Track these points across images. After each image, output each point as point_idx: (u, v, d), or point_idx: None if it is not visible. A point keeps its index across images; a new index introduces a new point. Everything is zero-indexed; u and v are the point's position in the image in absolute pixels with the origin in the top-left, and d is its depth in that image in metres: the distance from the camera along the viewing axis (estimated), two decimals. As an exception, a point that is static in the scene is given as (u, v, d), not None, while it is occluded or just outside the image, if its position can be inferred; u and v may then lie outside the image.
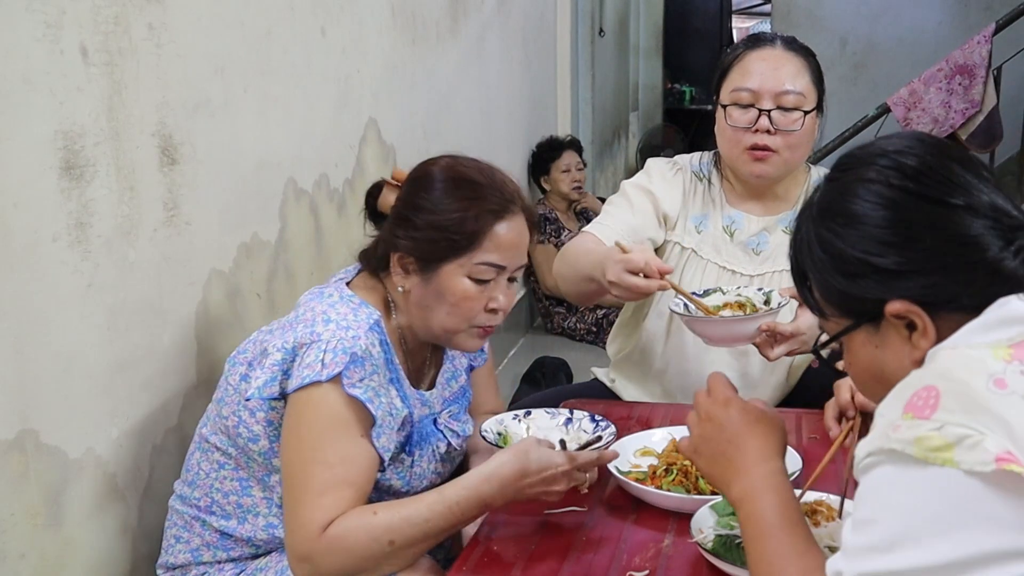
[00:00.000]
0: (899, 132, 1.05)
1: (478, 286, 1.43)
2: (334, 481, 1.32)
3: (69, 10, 1.43)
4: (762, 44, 1.93)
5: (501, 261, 1.43)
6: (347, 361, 1.33)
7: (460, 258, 1.41)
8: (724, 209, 1.97)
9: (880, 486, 0.84)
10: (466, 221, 1.40)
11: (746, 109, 1.87)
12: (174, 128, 1.69)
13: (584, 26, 5.66)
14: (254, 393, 1.39)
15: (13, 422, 1.36)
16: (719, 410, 1.16)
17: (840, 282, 0.98)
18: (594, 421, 1.62)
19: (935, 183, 0.94)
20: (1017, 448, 0.79)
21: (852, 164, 1.01)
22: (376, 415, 1.36)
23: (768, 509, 1.03)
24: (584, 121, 5.66)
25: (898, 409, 0.86)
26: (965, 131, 4.71)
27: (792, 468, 1.46)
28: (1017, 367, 0.84)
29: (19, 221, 1.35)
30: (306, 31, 2.21)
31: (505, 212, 1.43)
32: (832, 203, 1.00)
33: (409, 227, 1.43)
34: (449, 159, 1.49)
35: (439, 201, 1.42)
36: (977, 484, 0.79)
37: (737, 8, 10.65)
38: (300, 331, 1.37)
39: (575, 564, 1.28)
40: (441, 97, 3.22)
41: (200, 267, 1.80)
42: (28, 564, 1.39)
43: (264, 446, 1.44)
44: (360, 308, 1.42)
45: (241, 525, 1.49)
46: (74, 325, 1.47)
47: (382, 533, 1.31)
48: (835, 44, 6.62)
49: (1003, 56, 4.73)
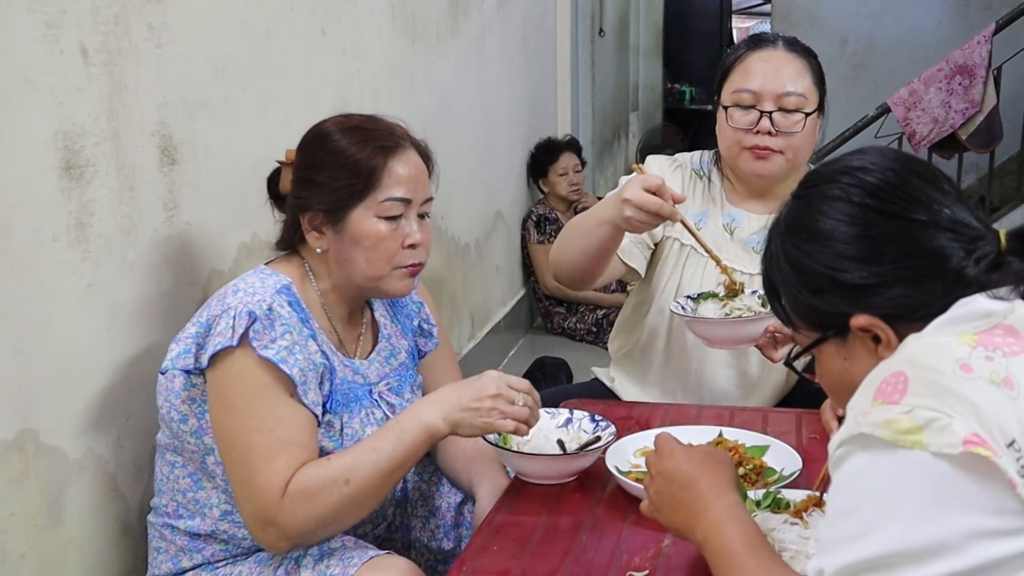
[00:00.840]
0: (865, 147, 1.07)
1: (389, 224, 1.46)
2: (279, 443, 1.35)
3: (69, 10, 1.43)
4: (764, 45, 1.92)
5: (405, 194, 1.47)
6: (248, 322, 1.35)
7: (365, 200, 1.45)
8: (724, 207, 1.97)
9: (852, 476, 0.86)
10: (360, 163, 1.45)
11: (747, 110, 1.87)
12: (174, 128, 1.69)
13: (584, 26, 5.67)
14: (168, 365, 1.41)
15: (13, 422, 1.36)
16: (666, 462, 1.19)
17: (808, 297, 1.01)
18: (594, 421, 1.63)
19: (897, 199, 0.97)
20: (984, 430, 0.81)
21: (817, 181, 1.04)
22: (292, 374, 1.37)
23: (732, 539, 1.06)
24: (584, 121, 5.66)
25: (868, 398, 0.88)
26: (965, 131, 4.70)
27: (792, 468, 1.47)
28: (982, 352, 0.86)
29: (19, 221, 1.35)
30: (306, 31, 2.21)
31: (397, 147, 1.48)
32: (798, 220, 1.03)
33: (310, 185, 1.47)
34: (331, 119, 1.54)
35: (332, 152, 1.46)
36: (946, 466, 0.81)
37: (737, 8, 10.65)
38: (214, 305, 1.41)
39: (575, 564, 1.28)
40: (441, 97, 3.22)
41: (200, 267, 1.80)
42: (28, 564, 1.39)
43: (193, 425, 1.44)
44: (269, 277, 1.45)
45: (203, 521, 1.49)
46: (74, 325, 1.47)
47: (337, 474, 1.34)
48: (835, 44, 6.62)
49: (1003, 56, 4.73)
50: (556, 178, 4.48)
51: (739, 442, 1.55)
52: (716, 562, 1.06)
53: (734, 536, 1.06)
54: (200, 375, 1.41)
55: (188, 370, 1.40)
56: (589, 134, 5.66)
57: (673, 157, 2.05)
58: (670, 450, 1.20)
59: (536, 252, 4.42)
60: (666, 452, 1.20)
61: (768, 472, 1.49)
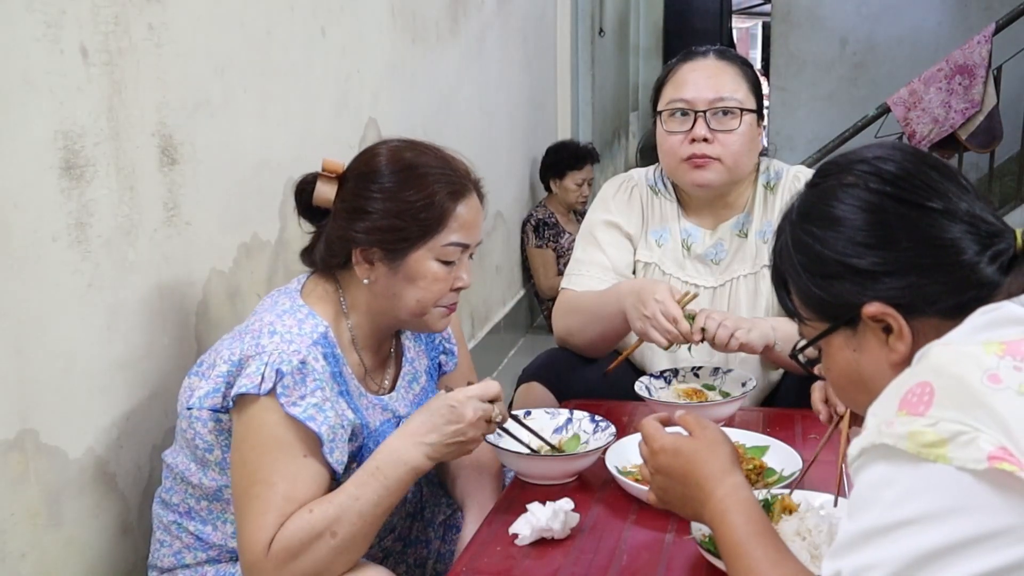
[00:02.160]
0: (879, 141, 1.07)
1: (445, 267, 1.44)
2: (275, 500, 1.31)
3: (69, 10, 1.43)
4: (695, 57, 1.93)
5: (466, 239, 1.45)
6: (276, 379, 1.32)
7: (428, 242, 1.42)
8: (680, 222, 1.99)
9: (873, 483, 0.85)
10: (430, 207, 1.41)
11: (682, 118, 1.88)
12: (174, 128, 1.69)
13: (584, 26, 5.67)
14: (195, 402, 1.38)
15: (13, 422, 1.36)
16: (659, 459, 1.19)
17: (818, 284, 1.00)
18: (594, 421, 1.63)
19: (913, 187, 0.97)
20: (1012, 443, 0.79)
21: (832, 170, 1.03)
22: (320, 432, 1.34)
23: (733, 529, 1.06)
24: (584, 121, 5.66)
25: (892, 407, 0.86)
26: (965, 131, 4.71)
27: (792, 468, 1.47)
28: (1010, 362, 0.84)
29: (19, 221, 1.35)
30: (306, 31, 2.21)
31: (463, 192, 1.45)
32: (812, 207, 1.03)
33: (368, 219, 1.42)
34: (391, 145, 1.48)
35: (396, 190, 1.42)
36: (969, 479, 0.79)
37: (737, 8, 10.65)
38: (247, 342, 1.37)
39: (575, 564, 1.28)
40: (441, 97, 3.22)
41: (200, 267, 1.80)
42: (28, 564, 1.39)
43: (218, 456, 1.43)
44: (307, 320, 1.41)
45: (214, 532, 1.49)
46: (74, 325, 1.47)
47: (322, 527, 1.30)
48: (835, 44, 6.62)
49: (1003, 56, 4.73)
50: (572, 185, 4.47)
51: (739, 442, 1.55)
52: (723, 552, 1.07)
53: (736, 526, 1.06)
54: (226, 412, 1.39)
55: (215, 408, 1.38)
56: (589, 134, 5.66)
57: (627, 175, 2.07)
58: (660, 445, 1.19)
59: (534, 256, 4.42)
60: (657, 447, 1.20)
61: (768, 472, 1.49)
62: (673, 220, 1.99)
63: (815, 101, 6.69)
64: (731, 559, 1.05)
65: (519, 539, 1.33)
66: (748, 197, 1.98)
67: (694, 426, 1.20)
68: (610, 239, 1.99)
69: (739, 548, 1.04)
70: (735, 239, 1.95)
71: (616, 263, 1.97)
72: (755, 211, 1.96)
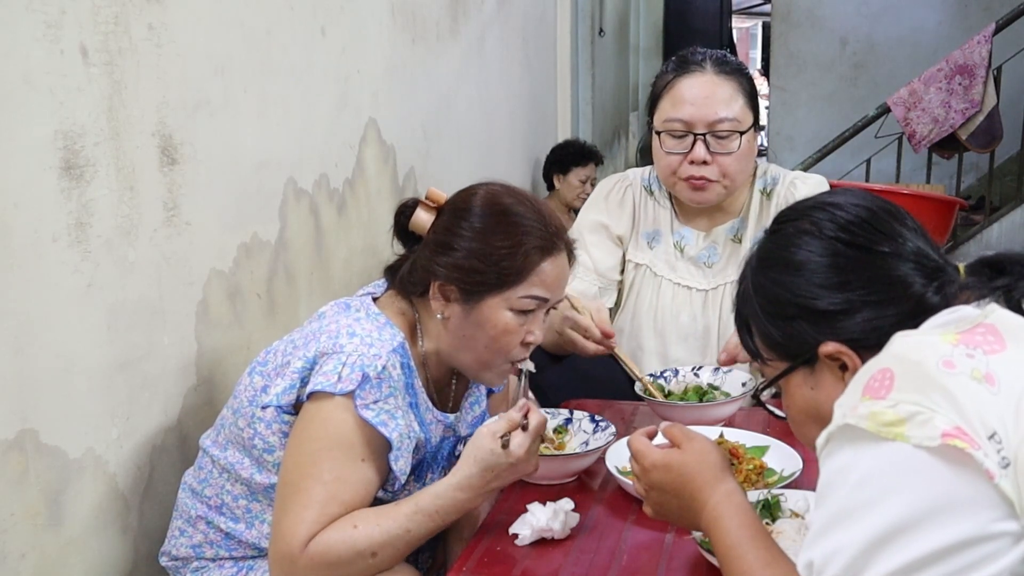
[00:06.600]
0: (840, 189, 1.15)
1: (519, 318, 1.42)
2: (323, 497, 1.31)
3: (69, 10, 1.43)
4: (692, 69, 1.90)
5: (545, 295, 1.43)
6: (360, 380, 1.33)
7: (505, 292, 1.40)
8: (674, 226, 1.99)
9: (838, 468, 0.90)
10: (514, 256, 1.39)
11: (680, 139, 1.87)
12: (174, 128, 1.69)
13: (584, 26, 5.67)
14: (272, 400, 1.39)
15: (13, 422, 1.36)
16: (651, 476, 1.21)
17: (778, 325, 1.06)
18: (594, 421, 1.63)
19: (864, 233, 1.04)
20: (965, 423, 0.85)
21: (790, 217, 1.10)
22: (391, 438, 1.35)
23: (727, 534, 1.09)
24: (584, 121, 5.67)
25: (857, 394, 0.92)
26: (965, 131, 4.71)
27: (792, 468, 1.47)
28: (963, 350, 0.90)
29: (19, 221, 1.35)
30: (306, 31, 2.21)
31: (552, 248, 1.43)
32: (771, 253, 1.09)
33: (452, 256, 1.41)
34: (491, 188, 1.47)
35: (485, 233, 1.40)
36: (924, 455, 0.84)
37: (737, 8, 10.65)
38: (324, 341, 1.37)
39: (575, 564, 1.28)
40: (441, 97, 3.22)
41: (200, 267, 1.80)
42: (28, 564, 1.39)
43: (278, 457, 1.43)
44: (385, 328, 1.41)
45: (248, 530, 1.49)
46: (74, 325, 1.47)
47: (365, 547, 1.31)
48: (835, 44, 6.63)
49: (1003, 56, 4.73)
50: (576, 182, 4.48)
51: (739, 442, 1.55)
52: (718, 557, 1.09)
53: (729, 531, 1.08)
54: (295, 413, 1.39)
55: (287, 407, 1.38)
56: (589, 134, 5.66)
57: (623, 175, 2.07)
58: (651, 462, 1.21)
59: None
60: (648, 464, 1.21)
61: (768, 472, 1.49)
62: (666, 222, 2.00)
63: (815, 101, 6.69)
64: (725, 563, 1.07)
65: (519, 539, 1.33)
66: (744, 202, 1.98)
67: (681, 438, 1.21)
68: (596, 240, 2.00)
69: (732, 551, 1.07)
70: (729, 244, 1.96)
71: (599, 265, 1.98)
72: (751, 217, 1.97)
